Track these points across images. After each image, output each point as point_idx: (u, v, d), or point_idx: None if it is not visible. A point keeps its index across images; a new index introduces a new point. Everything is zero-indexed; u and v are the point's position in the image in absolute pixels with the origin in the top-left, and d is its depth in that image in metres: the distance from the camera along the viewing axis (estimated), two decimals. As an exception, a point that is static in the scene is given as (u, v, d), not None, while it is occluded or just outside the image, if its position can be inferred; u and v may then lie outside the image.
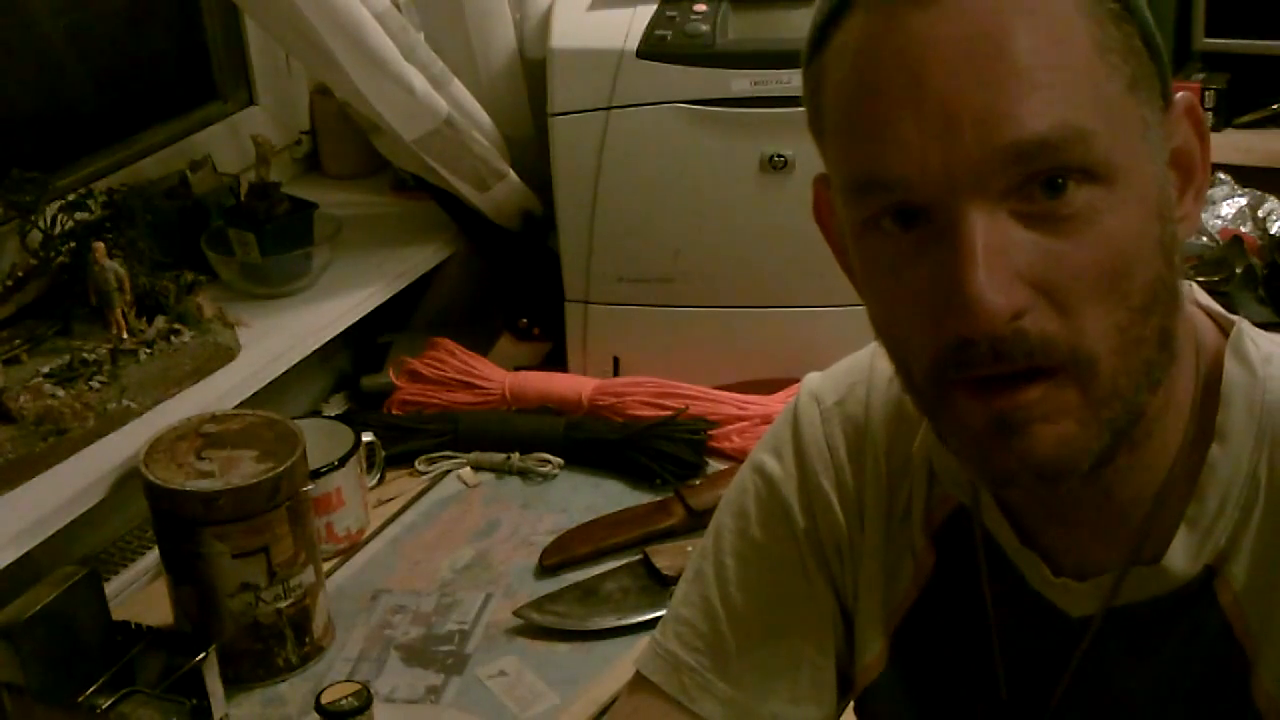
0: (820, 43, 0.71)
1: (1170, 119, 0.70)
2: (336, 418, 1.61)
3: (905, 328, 0.69)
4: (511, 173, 1.73)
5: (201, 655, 1.18)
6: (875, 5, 0.67)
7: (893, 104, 0.65)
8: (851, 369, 0.90)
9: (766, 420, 1.58)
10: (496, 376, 1.69)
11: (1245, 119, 2.19)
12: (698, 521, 1.45)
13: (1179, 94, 0.71)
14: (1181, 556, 0.73)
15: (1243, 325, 0.76)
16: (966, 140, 0.64)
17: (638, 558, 1.42)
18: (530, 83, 1.74)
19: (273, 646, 1.29)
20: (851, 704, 0.92)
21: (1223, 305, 0.79)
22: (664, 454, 1.55)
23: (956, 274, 0.64)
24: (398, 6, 1.62)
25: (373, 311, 1.70)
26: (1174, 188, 0.70)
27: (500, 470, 1.59)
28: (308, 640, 1.31)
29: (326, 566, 1.41)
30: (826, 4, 0.71)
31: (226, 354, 1.52)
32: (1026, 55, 0.64)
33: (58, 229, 1.52)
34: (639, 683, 0.92)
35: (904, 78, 0.65)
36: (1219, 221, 1.91)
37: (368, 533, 1.50)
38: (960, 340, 0.65)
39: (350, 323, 1.66)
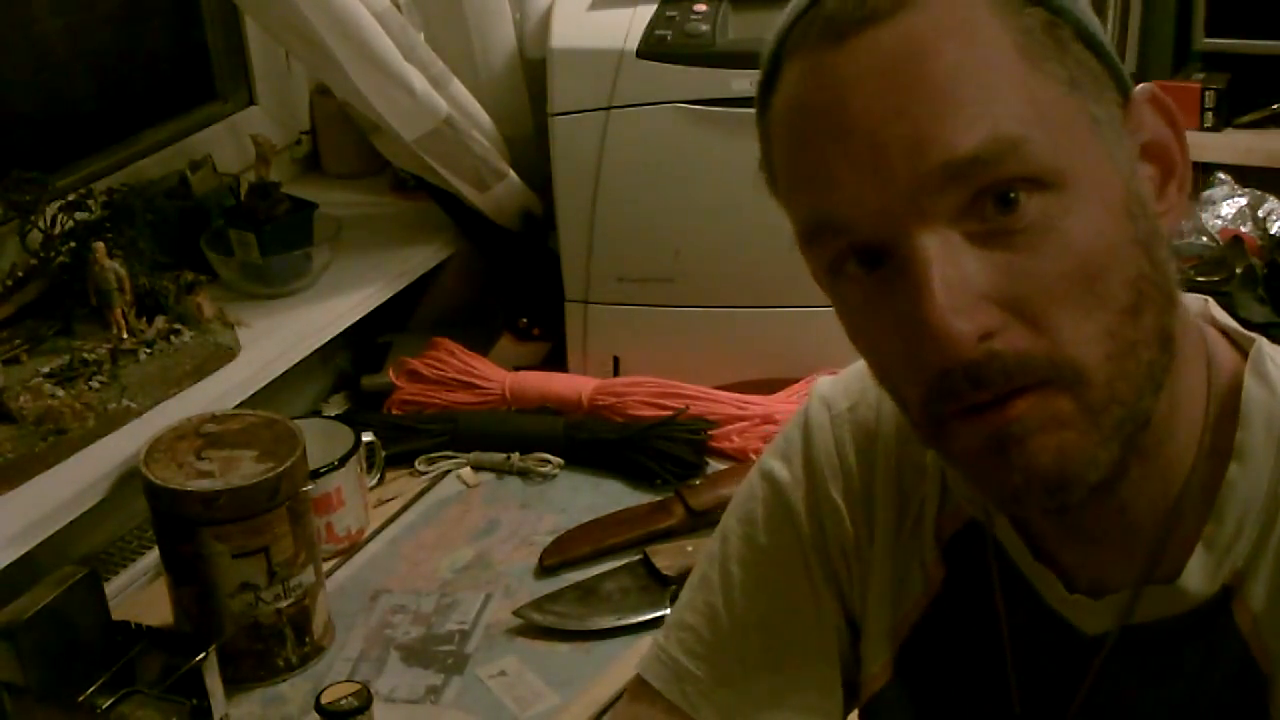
0: (764, 108, 0.71)
1: (1132, 113, 0.69)
2: (336, 418, 1.61)
3: (891, 368, 0.69)
4: (511, 173, 1.72)
5: (201, 655, 1.18)
6: (800, 54, 0.67)
7: (822, 146, 0.65)
8: (864, 374, 0.87)
9: (766, 420, 1.58)
10: (496, 376, 1.68)
11: (1245, 119, 2.18)
12: (698, 521, 1.45)
13: (1139, 86, 0.70)
14: (1198, 576, 0.72)
15: (1262, 344, 0.74)
16: (897, 170, 0.63)
17: (638, 558, 1.42)
18: (530, 83, 1.74)
19: (273, 646, 1.29)
20: (856, 713, 0.91)
21: (1222, 305, 0.78)
22: (664, 454, 1.55)
23: (917, 306, 0.63)
24: (398, 6, 1.62)
25: (373, 311, 1.70)
26: (1152, 182, 0.69)
27: (500, 470, 1.59)
28: (308, 640, 1.31)
29: (326, 566, 1.41)
30: (762, 67, 0.70)
31: (226, 354, 1.52)
32: (946, 75, 0.63)
33: (58, 229, 1.52)
34: (641, 687, 0.91)
35: (829, 119, 0.65)
36: (1219, 221, 1.91)
37: (368, 533, 1.49)
38: (940, 371, 0.64)
39: (350, 323, 1.66)
